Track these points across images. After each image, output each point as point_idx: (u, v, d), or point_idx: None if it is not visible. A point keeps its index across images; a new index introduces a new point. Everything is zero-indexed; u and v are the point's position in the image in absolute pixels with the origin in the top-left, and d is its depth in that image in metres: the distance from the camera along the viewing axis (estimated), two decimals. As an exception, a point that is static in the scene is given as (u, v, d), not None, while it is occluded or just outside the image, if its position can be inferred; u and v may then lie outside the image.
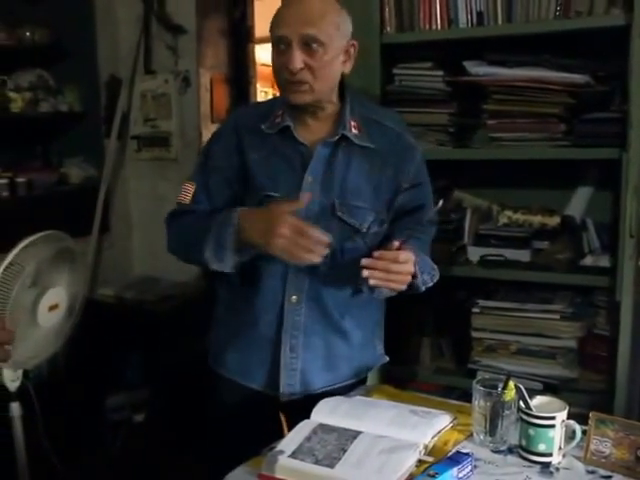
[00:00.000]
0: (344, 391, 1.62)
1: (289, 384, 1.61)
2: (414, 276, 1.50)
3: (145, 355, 2.94)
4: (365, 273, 1.41)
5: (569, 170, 2.15)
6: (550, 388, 2.06)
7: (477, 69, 2.14)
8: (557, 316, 2.11)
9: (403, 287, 1.48)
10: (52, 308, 2.17)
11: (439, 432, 1.38)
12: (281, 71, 1.48)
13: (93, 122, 3.24)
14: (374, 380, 2.16)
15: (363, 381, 1.73)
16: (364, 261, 1.41)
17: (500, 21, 2.06)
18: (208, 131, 2.98)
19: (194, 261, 1.61)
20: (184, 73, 3.11)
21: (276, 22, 1.49)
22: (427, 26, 2.15)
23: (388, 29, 2.20)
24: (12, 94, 2.85)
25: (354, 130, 1.55)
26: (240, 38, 3.15)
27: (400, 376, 2.30)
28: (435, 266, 1.61)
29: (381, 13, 2.18)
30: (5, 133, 2.81)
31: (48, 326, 2.30)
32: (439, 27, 2.14)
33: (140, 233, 3.30)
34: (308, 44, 1.45)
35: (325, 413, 1.43)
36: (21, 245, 1.96)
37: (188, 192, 1.62)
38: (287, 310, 1.58)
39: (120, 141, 3.26)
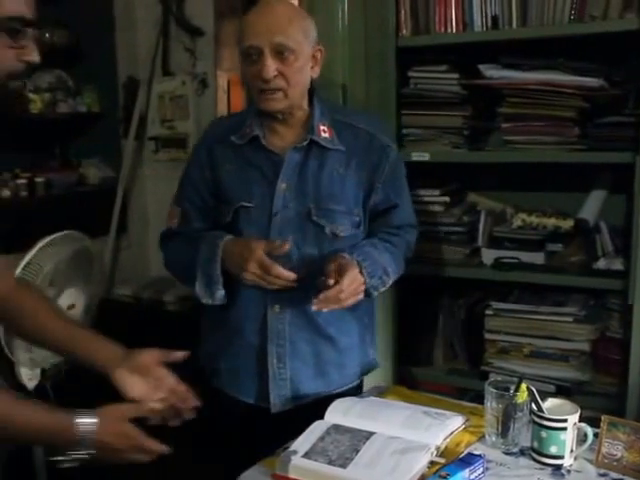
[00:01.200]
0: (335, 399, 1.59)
1: (280, 394, 1.60)
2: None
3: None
4: (315, 308, 1.45)
5: (583, 173, 2.16)
6: (563, 391, 2.06)
7: (492, 72, 2.15)
8: (570, 319, 2.12)
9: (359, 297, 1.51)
10: (69, 308, 2.20)
11: (451, 434, 1.39)
12: (254, 80, 1.50)
13: (111, 123, 3.27)
14: (387, 381, 2.19)
15: (357, 388, 1.71)
16: (314, 308, 1.45)
17: (515, 25, 2.07)
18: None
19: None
20: (202, 75, 3.12)
21: (245, 32, 1.50)
22: (442, 29, 2.16)
23: (404, 32, 2.21)
24: (31, 95, 2.88)
25: (324, 134, 1.56)
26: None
27: (413, 377, 2.32)
28: (389, 270, 1.58)
29: (397, 16, 2.19)
30: (24, 134, 2.84)
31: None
32: (454, 30, 2.15)
33: (157, 233, 3.28)
34: (280, 52, 1.47)
35: (339, 413, 1.44)
36: (40, 245, 2.00)
37: (173, 216, 1.66)
38: (270, 319, 1.58)
39: (138, 142, 3.29)
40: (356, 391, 1.69)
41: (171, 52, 3.17)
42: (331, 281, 1.43)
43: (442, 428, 1.38)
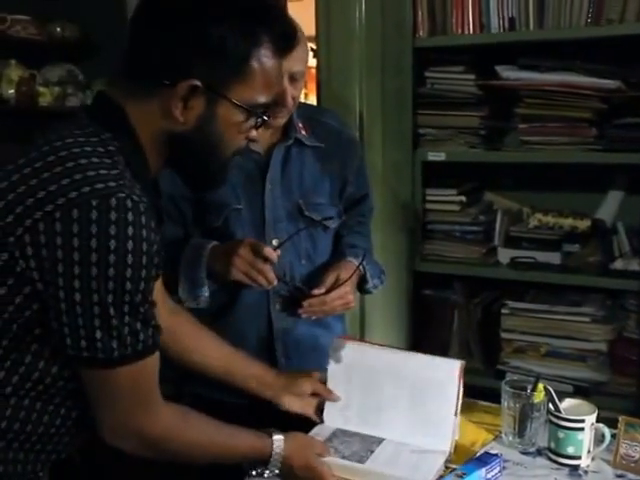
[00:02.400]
0: None
1: None
2: (365, 281, 1.59)
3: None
4: (302, 315, 1.49)
5: (600, 174, 2.16)
6: (580, 391, 2.07)
7: (509, 73, 2.16)
8: (587, 319, 2.12)
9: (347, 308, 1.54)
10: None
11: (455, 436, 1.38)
12: None
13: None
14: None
15: None
16: (301, 314, 1.50)
17: (532, 27, 2.08)
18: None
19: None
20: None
21: None
22: (459, 30, 2.18)
23: (420, 33, 2.22)
24: (41, 88, 2.89)
25: (302, 132, 1.58)
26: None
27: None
28: (383, 268, 1.68)
29: (414, 17, 2.20)
30: (33, 126, 2.87)
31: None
32: (471, 32, 2.16)
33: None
34: (294, 78, 1.46)
35: (335, 416, 1.42)
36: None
37: None
38: (275, 318, 1.57)
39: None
40: None
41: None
42: (316, 291, 1.48)
43: (448, 435, 1.36)
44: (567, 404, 1.35)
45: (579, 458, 1.29)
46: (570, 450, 1.30)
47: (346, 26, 2.14)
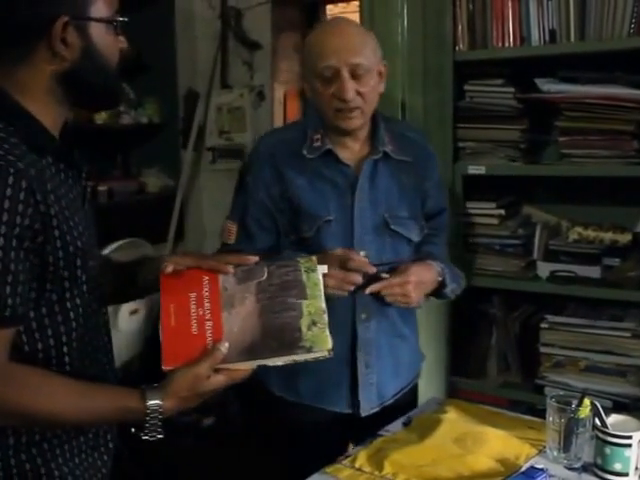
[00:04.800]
0: (409, 395, 1.73)
1: (369, 399, 1.65)
2: (443, 286, 1.62)
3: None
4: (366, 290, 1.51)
5: (641, 187, 2.14)
6: (619, 406, 2.04)
7: (549, 86, 2.15)
8: (628, 334, 2.10)
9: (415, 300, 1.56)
10: (132, 313, 2.27)
11: None
12: (330, 99, 1.53)
13: (171, 134, 3.36)
14: (440, 391, 2.21)
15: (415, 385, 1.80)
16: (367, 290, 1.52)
17: (573, 39, 2.06)
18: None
19: None
20: (259, 87, 3.19)
21: (319, 53, 1.53)
22: (499, 43, 2.17)
23: (460, 46, 2.23)
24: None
25: (390, 145, 1.61)
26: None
27: (465, 388, 2.32)
28: (461, 274, 1.73)
29: (454, 31, 2.21)
30: (88, 144, 2.95)
31: (128, 330, 2.41)
32: (511, 45, 2.16)
33: (213, 242, 3.37)
34: (356, 72, 1.51)
35: None
36: (107, 250, 2.08)
37: (231, 232, 1.65)
38: (360, 328, 1.61)
39: (196, 152, 3.37)
40: (415, 387, 1.80)
41: (229, 65, 3.24)
42: (384, 274, 1.52)
43: None
44: (613, 420, 1.35)
45: (626, 475, 1.29)
46: (617, 467, 1.29)
47: (388, 41, 2.17)
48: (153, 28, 3.09)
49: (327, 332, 1.13)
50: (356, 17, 2.23)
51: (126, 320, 2.47)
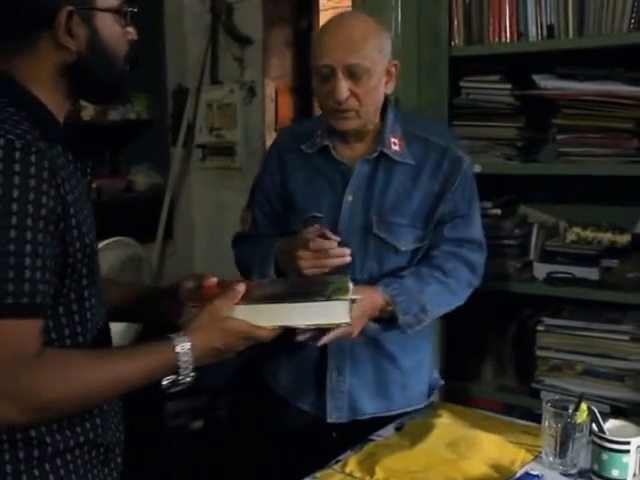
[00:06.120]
0: (396, 419, 1.58)
1: (337, 407, 1.59)
2: (394, 317, 1.48)
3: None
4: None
5: (641, 187, 2.10)
6: (617, 411, 2.00)
7: (546, 82, 2.11)
8: (626, 337, 2.05)
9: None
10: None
11: None
12: (326, 99, 1.49)
13: (160, 130, 3.31)
14: (434, 396, 2.15)
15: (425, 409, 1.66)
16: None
17: (571, 34, 2.02)
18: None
19: None
20: (250, 83, 3.14)
21: (318, 50, 1.48)
22: (496, 39, 2.13)
23: (456, 42, 2.19)
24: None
25: (394, 147, 1.54)
26: (305, 49, 3.18)
27: (460, 392, 2.28)
28: (428, 307, 1.52)
29: (449, 25, 2.17)
30: (78, 140, 2.90)
31: (115, 330, 2.35)
32: (508, 40, 2.12)
33: (203, 240, 3.34)
34: (353, 72, 1.44)
35: None
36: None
37: (246, 219, 1.69)
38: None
39: (185, 149, 3.32)
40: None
41: (220, 60, 3.20)
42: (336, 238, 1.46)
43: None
44: (611, 425, 1.32)
45: (625, 482, 1.25)
46: (615, 473, 1.26)
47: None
48: (141, 22, 3.04)
49: (349, 295, 1.18)
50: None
51: (111, 320, 2.42)
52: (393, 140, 1.55)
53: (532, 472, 1.28)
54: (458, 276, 1.58)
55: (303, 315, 1.16)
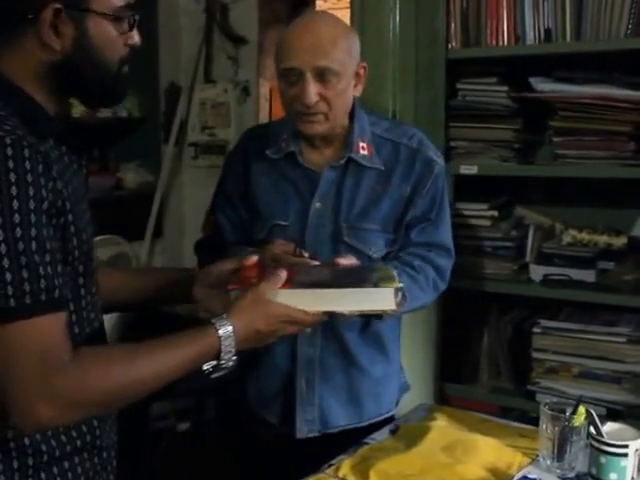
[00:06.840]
0: (368, 431, 1.53)
1: (307, 420, 1.54)
2: None
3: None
4: None
5: (637, 189, 2.10)
6: (614, 414, 1.99)
7: (543, 85, 2.11)
8: (623, 339, 2.04)
9: None
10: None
11: None
12: (293, 102, 1.43)
13: (151, 128, 3.28)
14: (429, 398, 2.14)
15: (391, 418, 1.63)
16: None
17: (569, 38, 2.02)
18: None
19: None
20: (244, 83, 3.13)
21: (285, 52, 1.42)
22: (494, 42, 2.13)
23: (454, 44, 2.18)
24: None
25: (362, 151, 1.50)
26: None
27: (455, 394, 2.27)
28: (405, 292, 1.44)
29: (447, 28, 2.16)
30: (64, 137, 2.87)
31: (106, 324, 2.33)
32: (506, 43, 2.12)
33: (193, 239, 3.28)
34: (322, 75, 1.40)
35: None
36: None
37: (208, 224, 1.64)
38: (300, 342, 1.51)
39: (177, 148, 3.29)
40: (390, 421, 1.61)
41: (214, 59, 3.18)
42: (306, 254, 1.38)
43: None
44: (609, 428, 1.31)
45: (623, 485, 1.24)
46: (612, 477, 1.25)
47: (380, 38, 2.10)
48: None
49: (396, 283, 1.18)
50: (347, 12, 2.18)
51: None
52: (362, 145, 1.50)
53: (529, 476, 1.28)
54: (427, 275, 1.53)
55: (349, 301, 1.16)
